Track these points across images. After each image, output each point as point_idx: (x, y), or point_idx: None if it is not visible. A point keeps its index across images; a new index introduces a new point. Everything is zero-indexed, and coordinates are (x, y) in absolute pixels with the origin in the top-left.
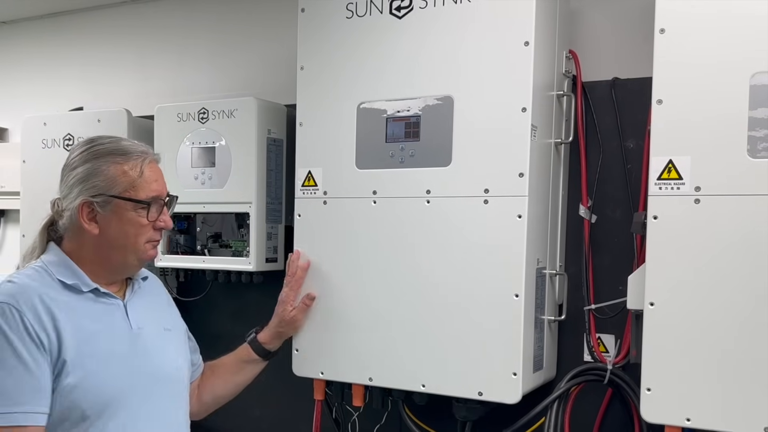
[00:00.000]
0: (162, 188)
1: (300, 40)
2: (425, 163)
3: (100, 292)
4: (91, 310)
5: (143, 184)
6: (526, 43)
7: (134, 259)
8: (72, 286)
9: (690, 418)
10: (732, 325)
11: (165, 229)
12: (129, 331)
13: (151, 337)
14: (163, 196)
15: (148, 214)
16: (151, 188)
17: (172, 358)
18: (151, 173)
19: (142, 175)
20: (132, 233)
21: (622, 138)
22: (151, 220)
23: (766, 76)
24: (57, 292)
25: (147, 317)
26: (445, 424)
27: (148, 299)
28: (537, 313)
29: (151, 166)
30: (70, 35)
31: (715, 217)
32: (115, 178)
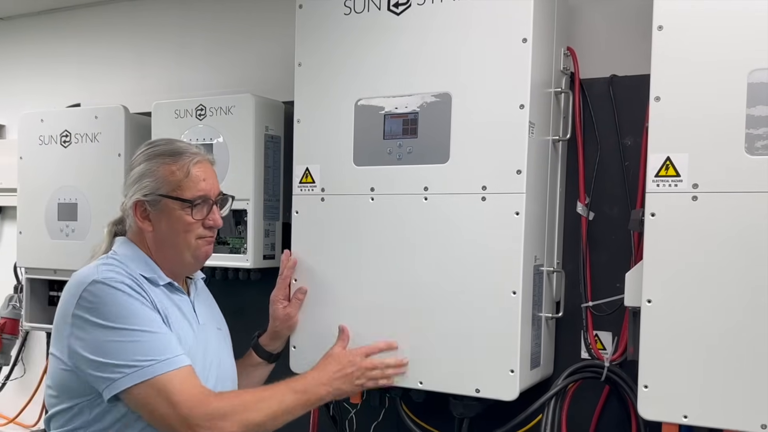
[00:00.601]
0: (210, 187)
1: (298, 36)
2: (423, 160)
3: (173, 287)
4: (170, 302)
5: (189, 183)
6: (524, 40)
7: (189, 256)
8: (150, 279)
9: (687, 415)
10: (729, 321)
11: (214, 227)
12: (198, 324)
13: (212, 333)
14: (211, 195)
15: (193, 212)
16: (197, 188)
17: (228, 355)
18: (198, 173)
19: (188, 175)
20: (181, 230)
21: (619, 135)
22: (197, 218)
23: (764, 73)
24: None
25: (207, 315)
26: (443, 421)
27: (205, 298)
28: (534, 310)
29: (200, 167)
30: (67, 32)
31: (712, 214)
32: (164, 178)
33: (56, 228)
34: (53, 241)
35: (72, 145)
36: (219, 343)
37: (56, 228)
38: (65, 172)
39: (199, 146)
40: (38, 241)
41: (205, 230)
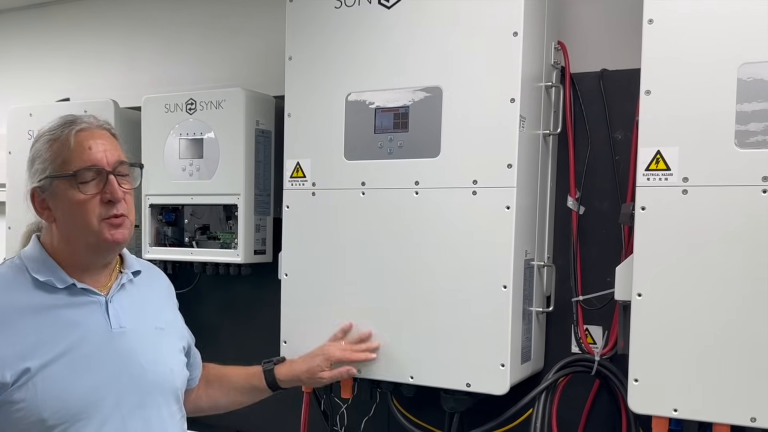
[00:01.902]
0: (101, 156)
1: (288, 30)
2: (414, 154)
3: (76, 288)
4: (64, 309)
5: (73, 155)
6: (514, 34)
7: (94, 242)
8: (45, 283)
9: (677, 408)
10: (720, 315)
11: (114, 201)
12: (108, 331)
13: (137, 337)
14: (103, 164)
15: (80, 186)
16: (82, 158)
17: (163, 360)
18: (83, 141)
19: (70, 147)
20: (78, 213)
21: (610, 129)
22: (88, 193)
23: (754, 68)
24: (27, 292)
25: (135, 315)
26: (434, 416)
27: (139, 295)
28: (525, 305)
29: (85, 134)
30: (56, 26)
31: (702, 207)
32: (49, 157)
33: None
34: None
35: None
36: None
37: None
38: None
39: (93, 115)
40: None
41: (106, 208)
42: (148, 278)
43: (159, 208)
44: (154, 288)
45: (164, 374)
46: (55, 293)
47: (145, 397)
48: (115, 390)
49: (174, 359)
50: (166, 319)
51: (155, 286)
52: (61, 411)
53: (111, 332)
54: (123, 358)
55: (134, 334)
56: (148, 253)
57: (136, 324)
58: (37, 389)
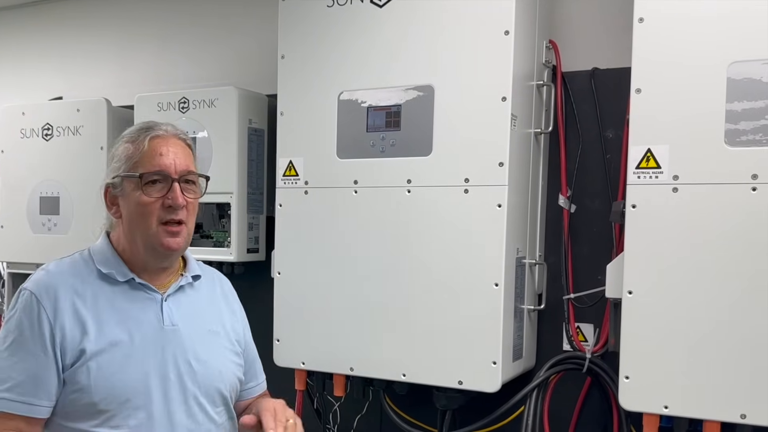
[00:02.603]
0: (170, 163)
1: (280, 29)
2: (406, 152)
3: (135, 283)
4: (123, 301)
5: (144, 159)
6: (506, 33)
7: (151, 245)
8: (107, 276)
9: (668, 405)
10: (710, 312)
11: (174, 207)
12: (160, 327)
13: (188, 336)
14: (170, 171)
15: (145, 189)
16: (152, 162)
17: (212, 361)
18: (155, 147)
19: (144, 150)
20: (140, 213)
21: (601, 128)
22: (152, 196)
23: (743, 66)
24: (91, 282)
25: (188, 316)
26: (426, 413)
27: (197, 298)
28: (516, 303)
29: (160, 140)
30: (49, 25)
31: (692, 205)
32: (124, 157)
33: (38, 222)
34: (35, 235)
35: (54, 139)
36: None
37: (38, 222)
38: (47, 166)
39: (172, 125)
40: (20, 236)
41: (166, 212)
42: (210, 283)
43: None
44: (215, 293)
45: (212, 375)
46: (115, 285)
47: (191, 395)
48: (162, 384)
49: (224, 362)
50: (221, 323)
51: (216, 291)
52: (110, 397)
53: (162, 329)
54: (172, 354)
55: (186, 333)
56: None
57: (189, 324)
58: (90, 373)
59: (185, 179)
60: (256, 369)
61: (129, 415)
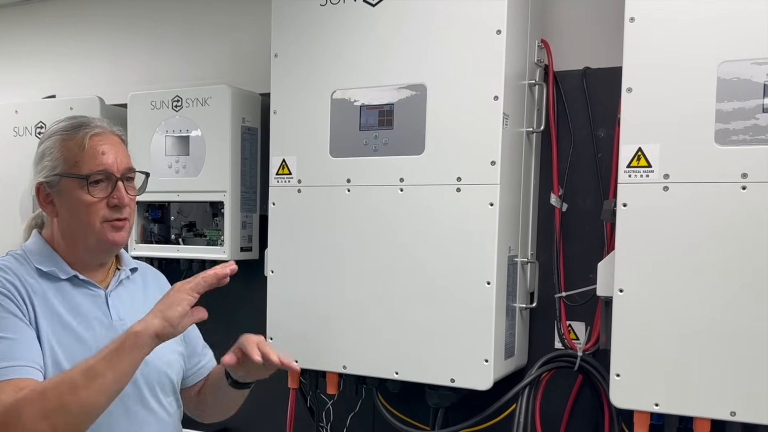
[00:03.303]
0: (113, 162)
1: (274, 27)
2: (399, 151)
3: (78, 279)
4: (68, 299)
5: (86, 158)
6: (498, 32)
7: (93, 242)
8: (48, 274)
9: (658, 403)
10: (700, 310)
11: (120, 206)
12: (108, 322)
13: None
14: (113, 170)
15: (90, 189)
16: (95, 162)
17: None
18: (96, 146)
19: (84, 149)
20: (83, 213)
21: (593, 127)
22: (97, 197)
23: (733, 66)
24: (34, 280)
25: (132, 309)
26: (418, 411)
27: (136, 291)
28: (508, 301)
29: (99, 139)
30: (42, 23)
31: (683, 204)
32: (61, 156)
33: None
34: None
35: None
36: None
37: None
38: None
39: (106, 120)
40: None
41: (111, 211)
42: (144, 276)
43: (145, 206)
44: (150, 285)
45: (160, 367)
46: (58, 283)
47: (145, 386)
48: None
49: (170, 352)
50: None
51: (151, 284)
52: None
53: (112, 324)
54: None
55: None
56: (135, 250)
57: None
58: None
59: (126, 177)
60: (200, 346)
61: None
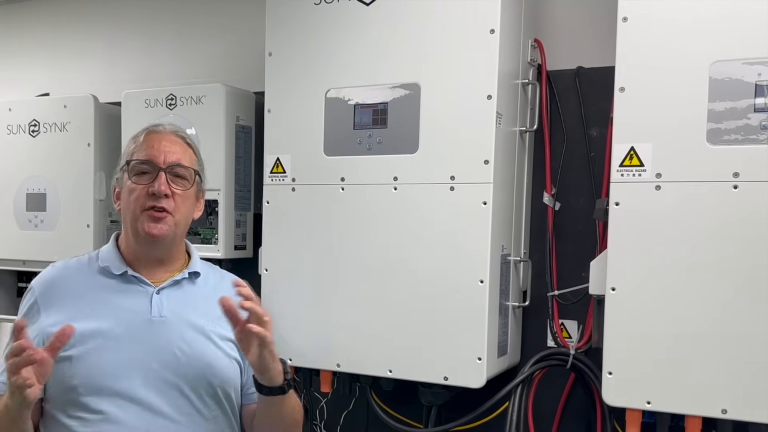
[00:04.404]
0: (158, 154)
1: (268, 26)
2: (393, 150)
3: (128, 275)
4: (114, 293)
5: (137, 150)
6: (491, 31)
7: (135, 232)
8: (105, 269)
9: (650, 401)
10: (692, 308)
11: (157, 194)
12: (147, 318)
13: (177, 328)
14: (157, 160)
15: (131, 176)
16: (141, 153)
17: (201, 355)
18: (149, 140)
19: (139, 143)
20: (129, 201)
21: (585, 126)
22: (137, 183)
23: (725, 66)
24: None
25: (181, 310)
26: (412, 409)
27: (194, 293)
28: (501, 299)
29: (155, 135)
30: (36, 21)
31: (675, 203)
32: (123, 153)
33: (25, 218)
34: (22, 231)
35: (41, 135)
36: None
37: (25, 218)
38: (34, 162)
39: (176, 125)
40: (6, 232)
41: (147, 199)
42: (217, 283)
43: None
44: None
45: (200, 367)
46: (111, 278)
47: (174, 385)
48: (143, 373)
49: (216, 357)
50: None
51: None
52: (89, 382)
53: (150, 319)
54: (157, 344)
55: (174, 325)
56: None
57: (179, 316)
58: (72, 358)
59: (175, 172)
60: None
61: (108, 400)
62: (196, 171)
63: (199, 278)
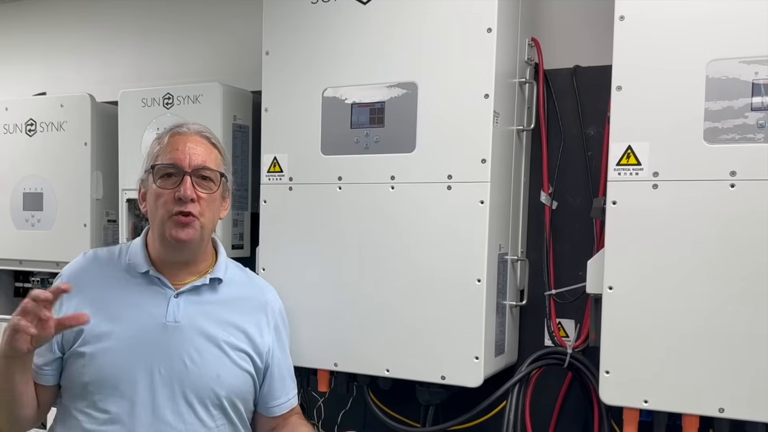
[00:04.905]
0: (183, 157)
1: (265, 25)
2: (390, 149)
3: (150, 275)
4: (135, 292)
5: (162, 153)
6: (488, 30)
7: (161, 236)
8: (130, 266)
9: (647, 400)
10: (689, 307)
11: (183, 199)
12: (162, 322)
13: (189, 335)
14: (183, 164)
15: (156, 179)
16: (166, 156)
17: (211, 365)
18: (174, 143)
19: (163, 145)
20: (155, 205)
21: (582, 125)
22: (162, 187)
23: (722, 65)
24: (116, 271)
25: (197, 316)
26: (409, 408)
27: (214, 300)
28: (499, 298)
29: (179, 137)
30: (32, 20)
31: (672, 202)
32: (148, 154)
33: (21, 218)
34: (18, 231)
35: (37, 134)
36: (204, 347)
37: (21, 218)
38: (30, 162)
39: (201, 124)
40: (3, 231)
41: (173, 204)
42: (243, 291)
43: (136, 203)
44: (243, 302)
45: (207, 377)
46: (134, 277)
47: (179, 393)
48: (149, 377)
49: (225, 367)
50: (239, 330)
51: (246, 301)
52: (98, 381)
53: (164, 324)
54: (167, 349)
55: (187, 332)
56: None
57: (194, 323)
58: (85, 356)
59: (200, 174)
60: (282, 387)
61: (114, 401)
62: (221, 173)
63: (222, 284)
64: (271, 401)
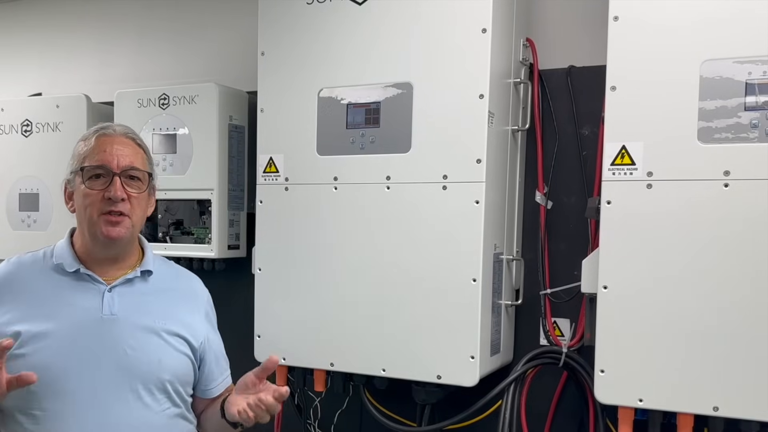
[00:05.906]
0: (112, 159)
1: (261, 25)
2: (385, 149)
3: (81, 273)
4: (66, 290)
5: (90, 154)
6: (483, 30)
7: (92, 235)
8: (58, 266)
9: (642, 398)
10: (683, 306)
11: (113, 199)
12: (98, 316)
13: (127, 325)
14: (111, 165)
15: (86, 181)
16: (95, 157)
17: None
18: (101, 144)
19: (91, 147)
20: (84, 205)
21: (577, 125)
22: (92, 188)
23: (715, 65)
24: (44, 272)
25: (132, 307)
26: (405, 408)
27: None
28: (494, 298)
29: (107, 138)
30: (28, 20)
31: (666, 201)
32: (76, 155)
33: (17, 219)
34: (15, 231)
35: (33, 135)
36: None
37: (17, 219)
38: (26, 162)
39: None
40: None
41: (104, 204)
42: (172, 282)
43: None
44: (174, 291)
45: (149, 363)
46: (64, 276)
47: (125, 382)
48: (92, 370)
49: (166, 353)
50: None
51: (176, 291)
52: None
53: (101, 317)
54: (107, 342)
55: (124, 323)
56: None
57: (130, 314)
58: (25, 356)
59: (129, 175)
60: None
61: (57, 398)
62: (148, 173)
63: (152, 276)
64: (211, 383)
